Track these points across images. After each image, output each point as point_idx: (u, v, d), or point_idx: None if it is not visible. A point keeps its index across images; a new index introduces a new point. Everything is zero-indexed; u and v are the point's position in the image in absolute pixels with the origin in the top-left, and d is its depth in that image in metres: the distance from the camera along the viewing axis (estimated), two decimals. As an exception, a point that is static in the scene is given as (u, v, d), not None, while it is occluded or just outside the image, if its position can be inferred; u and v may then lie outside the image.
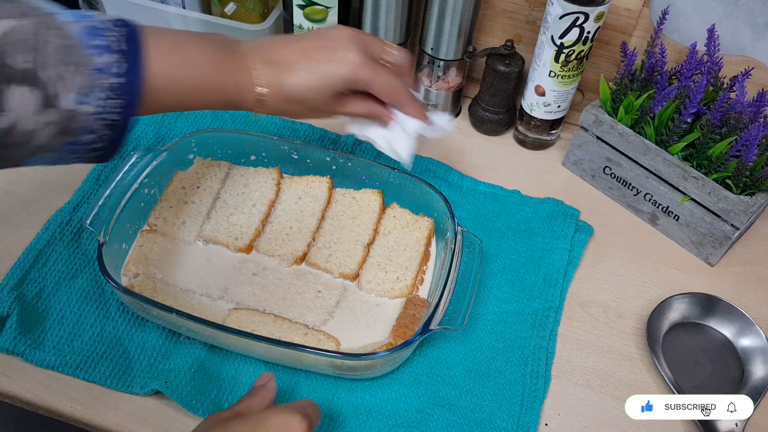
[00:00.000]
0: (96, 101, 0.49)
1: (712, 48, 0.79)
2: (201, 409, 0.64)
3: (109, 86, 0.49)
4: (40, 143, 0.49)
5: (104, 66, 0.49)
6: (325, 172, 0.83)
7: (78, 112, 0.48)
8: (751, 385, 0.70)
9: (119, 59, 0.50)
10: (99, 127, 0.50)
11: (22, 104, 0.46)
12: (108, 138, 0.51)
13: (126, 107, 0.50)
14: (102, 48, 0.49)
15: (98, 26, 0.50)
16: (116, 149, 0.53)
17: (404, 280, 0.75)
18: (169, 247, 0.76)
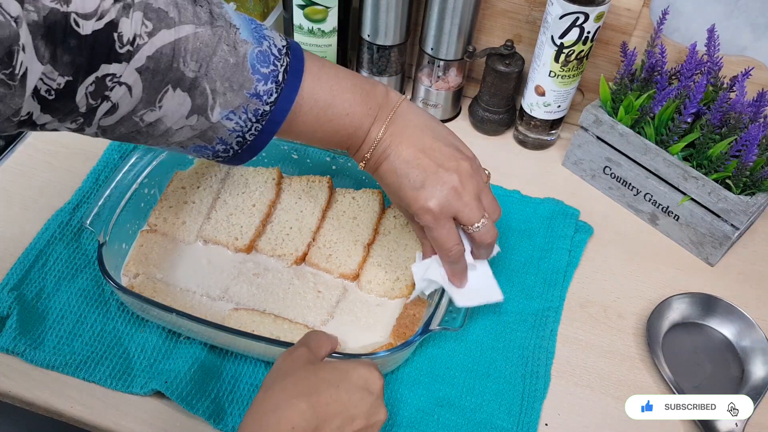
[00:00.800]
0: (240, 121, 0.51)
1: (712, 48, 0.79)
2: (201, 409, 0.64)
3: (258, 111, 0.51)
4: (176, 140, 0.51)
5: (262, 93, 0.51)
6: (325, 172, 0.83)
7: (221, 125, 0.51)
8: (751, 385, 0.70)
9: (276, 89, 0.51)
10: (233, 142, 0.52)
11: (175, 106, 0.48)
12: (234, 152, 0.53)
13: (264, 132, 0.53)
14: (266, 76, 0.51)
15: (269, 52, 0.51)
16: (239, 162, 0.56)
17: (404, 280, 0.75)
18: (169, 247, 0.76)
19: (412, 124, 0.60)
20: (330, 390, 0.52)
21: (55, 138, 0.88)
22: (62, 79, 0.42)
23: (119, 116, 0.47)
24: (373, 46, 0.90)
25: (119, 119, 0.48)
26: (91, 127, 0.48)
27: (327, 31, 0.88)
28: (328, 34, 0.89)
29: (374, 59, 0.92)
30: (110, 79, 0.44)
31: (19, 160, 0.85)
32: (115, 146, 0.86)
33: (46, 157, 0.86)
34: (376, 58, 0.92)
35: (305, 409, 0.50)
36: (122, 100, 0.46)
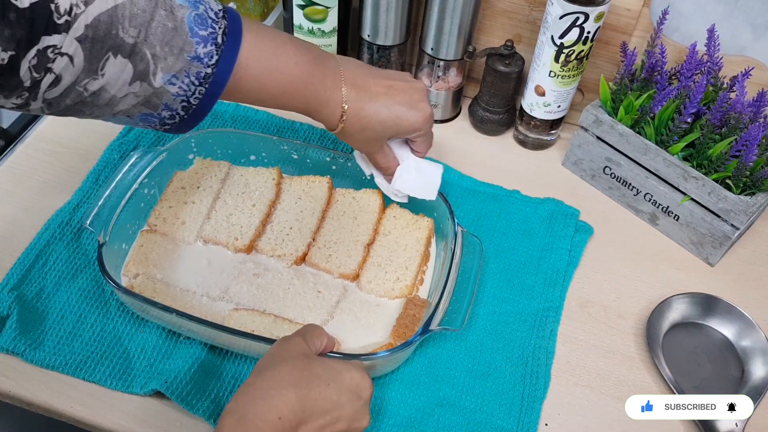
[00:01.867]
0: (184, 84, 0.52)
1: (712, 48, 0.79)
2: (201, 409, 0.64)
3: (201, 74, 0.52)
4: (121, 108, 0.52)
5: (203, 55, 0.52)
6: (325, 172, 0.83)
7: (165, 90, 0.51)
8: (751, 385, 0.70)
9: (216, 51, 0.52)
10: (178, 107, 0.53)
11: (117, 73, 0.49)
12: (181, 117, 0.54)
13: (208, 95, 0.54)
14: (205, 38, 0.52)
15: (206, 15, 0.52)
16: (188, 128, 0.56)
17: (404, 281, 0.75)
18: (169, 247, 0.76)
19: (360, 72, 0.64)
20: (321, 387, 0.53)
21: (55, 138, 0.88)
22: (5, 54, 0.43)
23: (63, 87, 0.48)
24: (373, 46, 0.90)
25: (63, 90, 0.48)
26: (37, 101, 0.48)
27: (327, 31, 0.88)
28: (328, 34, 0.89)
29: (374, 59, 0.92)
30: (51, 51, 0.45)
31: (19, 160, 0.85)
32: (115, 146, 0.86)
33: (46, 157, 0.86)
34: (376, 58, 0.92)
35: (293, 400, 0.51)
36: (65, 70, 0.47)
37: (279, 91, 0.59)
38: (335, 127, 0.64)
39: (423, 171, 0.72)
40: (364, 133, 0.65)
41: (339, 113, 0.63)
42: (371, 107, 0.64)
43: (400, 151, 0.71)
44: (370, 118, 0.64)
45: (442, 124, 0.97)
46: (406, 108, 0.65)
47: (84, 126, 0.89)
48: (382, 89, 0.65)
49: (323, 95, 0.61)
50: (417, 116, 0.66)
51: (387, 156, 0.70)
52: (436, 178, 0.73)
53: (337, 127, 0.64)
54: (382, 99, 0.64)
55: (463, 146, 0.94)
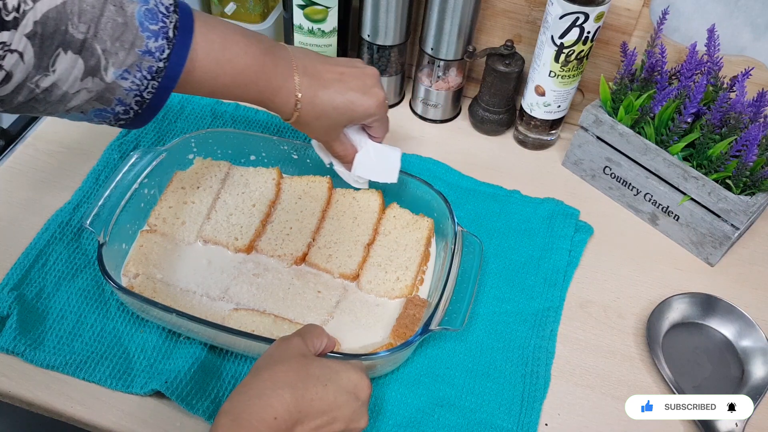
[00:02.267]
0: (136, 79, 0.52)
1: (712, 48, 0.79)
2: (201, 409, 0.64)
3: (152, 68, 0.52)
4: (74, 104, 0.51)
5: (154, 49, 0.52)
6: (325, 172, 0.82)
7: (117, 85, 0.51)
8: (751, 385, 0.70)
9: (168, 45, 0.53)
10: (132, 101, 0.53)
11: (68, 69, 0.49)
12: (134, 112, 0.54)
13: (161, 89, 0.54)
14: (156, 33, 0.52)
15: (156, 9, 0.52)
16: (142, 123, 0.56)
17: (404, 281, 0.75)
18: (169, 247, 0.76)
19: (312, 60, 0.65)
20: (317, 387, 0.53)
21: (55, 138, 0.88)
22: None
23: (14, 84, 0.48)
24: (373, 46, 0.90)
25: (15, 88, 0.48)
26: None
27: (327, 31, 0.88)
28: (328, 34, 0.89)
29: (374, 59, 0.92)
30: (1, 48, 0.45)
31: (19, 160, 0.85)
32: (115, 146, 0.86)
33: (46, 157, 0.86)
34: (376, 58, 0.92)
35: (289, 401, 0.51)
36: (15, 67, 0.47)
37: (231, 82, 0.59)
38: (290, 116, 0.64)
39: (382, 155, 0.73)
40: (320, 120, 0.66)
41: (293, 102, 0.63)
42: (325, 95, 0.64)
43: (357, 137, 0.72)
44: (325, 106, 0.65)
45: (442, 124, 0.97)
46: (359, 94, 0.66)
47: (84, 126, 0.89)
48: (334, 76, 0.65)
49: (275, 84, 0.62)
50: (371, 102, 0.67)
51: (344, 144, 0.71)
52: (395, 161, 0.74)
53: (292, 116, 0.64)
54: (335, 86, 0.65)
55: (463, 146, 0.94)
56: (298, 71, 0.63)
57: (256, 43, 0.60)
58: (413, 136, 0.95)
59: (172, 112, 0.91)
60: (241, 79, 0.59)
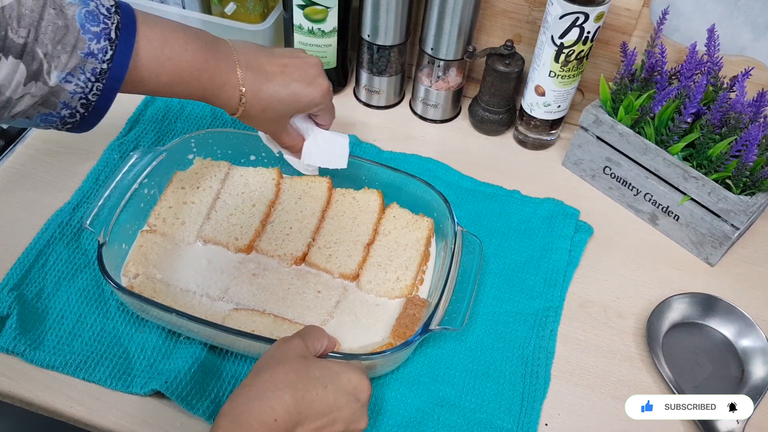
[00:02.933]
0: (80, 82, 0.52)
1: (712, 48, 0.79)
2: (201, 409, 0.64)
3: (96, 70, 0.52)
4: (18, 110, 0.51)
5: (97, 51, 0.52)
6: (325, 172, 0.82)
7: (61, 88, 0.51)
8: (751, 385, 0.70)
9: (110, 46, 0.52)
10: (77, 104, 0.53)
11: (9, 74, 0.49)
12: (81, 115, 0.54)
13: (106, 90, 0.53)
14: (97, 34, 0.51)
15: (97, 11, 0.52)
16: (89, 126, 0.56)
17: (404, 280, 0.75)
18: (169, 247, 0.76)
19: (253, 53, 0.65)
20: (318, 388, 0.53)
21: (55, 138, 0.88)
22: None
23: None
24: (373, 46, 0.90)
25: None
26: None
27: (327, 31, 0.88)
28: (328, 34, 0.89)
29: (374, 59, 0.92)
30: None
31: (19, 160, 0.85)
32: (115, 146, 0.86)
33: (46, 157, 0.86)
34: (376, 58, 0.92)
35: (289, 402, 0.51)
36: None
37: (172, 80, 0.59)
38: (236, 110, 0.64)
39: (330, 142, 0.74)
40: (266, 113, 0.66)
41: (237, 96, 0.63)
42: (269, 87, 0.64)
43: (304, 126, 0.72)
44: (270, 99, 0.65)
45: (442, 124, 0.97)
46: (303, 85, 0.66)
47: (84, 126, 0.89)
48: (277, 68, 0.65)
49: (219, 80, 0.62)
50: (315, 91, 0.67)
51: (291, 134, 0.71)
52: (343, 147, 0.74)
53: (237, 110, 0.64)
54: (278, 78, 0.65)
55: (463, 146, 0.94)
56: (241, 65, 0.63)
57: (196, 38, 0.60)
58: (413, 136, 0.95)
59: (172, 112, 0.91)
60: (182, 76, 0.59)
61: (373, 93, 0.96)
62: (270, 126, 0.69)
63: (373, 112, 0.98)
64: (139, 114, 0.90)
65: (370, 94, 0.97)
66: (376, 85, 0.95)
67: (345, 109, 0.97)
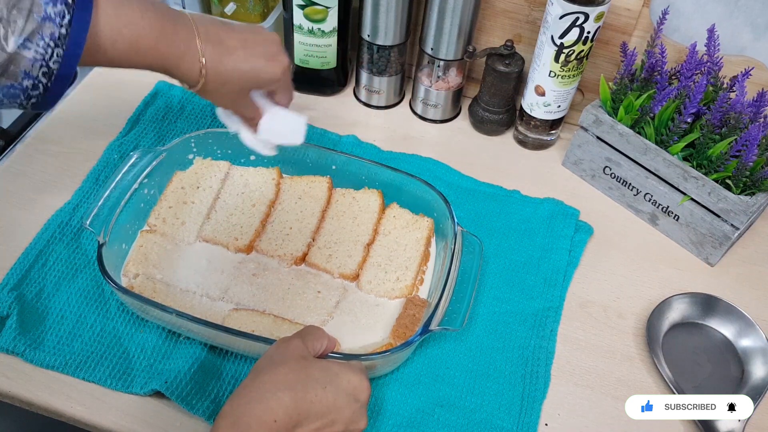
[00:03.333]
0: (39, 48, 0.51)
1: (712, 48, 0.79)
2: (201, 409, 0.64)
3: (55, 35, 0.51)
4: None
5: (54, 15, 0.51)
6: (325, 172, 0.83)
7: (20, 55, 0.50)
8: (751, 385, 0.70)
9: (67, 10, 0.52)
10: (38, 73, 0.52)
11: None
12: (43, 86, 0.53)
13: (67, 57, 0.53)
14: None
15: None
16: (54, 99, 0.55)
17: (404, 281, 0.75)
18: (169, 247, 0.76)
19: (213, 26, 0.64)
20: (317, 389, 0.53)
21: (55, 138, 0.88)
22: None
23: None
24: (373, 46, 0.90)
25: None
26: None
27: (327, 31, 0.88)
28: (328, 34, 0.89)
29: (374, 59, 0.92)
30: None
31: (19, 160, 0.85)
32: (115, 146, 0.86)
33: (46, 157, 0.86)
34: (376, 58, 0.92)
35: (289, 403, 0.51)
36: None
37: (130, 48, 0.58)
38: (196, 82, 0.63)
39: (287, 119, 0.73)
40: (226, 87, 0.65)
41: (198, 68, 0.62)
42: (230, 61, 0.64)
43: (261, 103, 0.71)
44: (231, 72, 0.64)
45: (442, 124, 0.97)
46: (264, 60, 0.66)
47: (84, 126, 0.89)
48: (238, 43, 0.65)
49: (178, 49, 0.61)
50: (276, 67, 0.67)
51: (251, 107, 0.70)
52: (300, 124, 0.74)
53: (198, 82, 0.63)
54: (239, 52, 0.64)
55: (463, 146, 0.94)
56: (200, 37, 0.62)
57: (153, 8, 0.60)
58: (413, 136, 0.95)
59: (172, 112, 0.91)
60: (140, 44, 0.58)
61: (373, 93, 0.96)
62: (231, 101, 0.68)
63: (373, 112, 0.98)
64: (139, 114, 0.90)
65: (370, 94, 0.97)
66: (376, 85, 0.95)
67: (345, 109, 0.97)
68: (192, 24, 0.62)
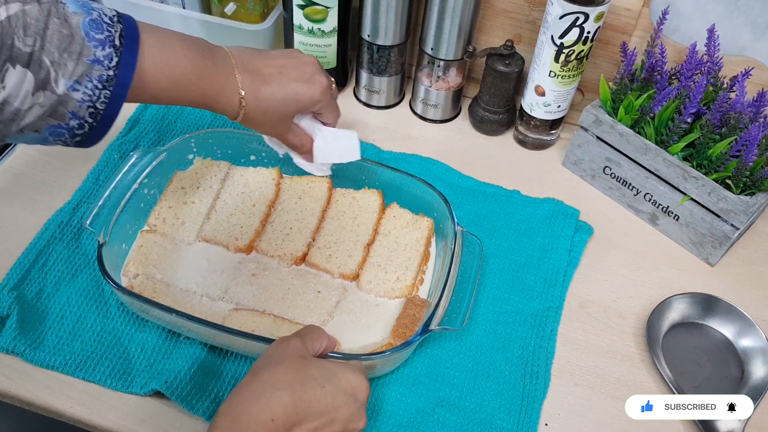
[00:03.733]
0: (88, 90, 0.52)
1: (712, 48, 0.79)
2: (201, 409, 0.64)
3: (103, 77, 0.52)
4: (28, 122, 0.51)
5: (102, 57, 0.52)
6: (325, 172, 0.83)
7: (69, 97, 0.51)
8: (751, 385, 0.70)
9: (115, 53, 0.53)
10: (85, 114, 0.53)
11: (18, 84, 0.49)
12: (89, 125, 0.54)
13: (114, 98, 0.54)
14: (102, 41, 0.52)
15: (100, 20, 0.53)
16: (98, 137, 0.56)
17: (404, 281, 0.75)
18: (169, 247, 0.76)
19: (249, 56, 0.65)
20: (315, 388, 0.53)
21: (55, 138, 0.88)
22: None
23: None
24: (373, 46, 0.90)
25: None
26: None
27: (327, 31, 0.88)
28: (328, 34, 0.89)
29: (374, 59, 0.92)
30: None
31: (19, 160, 0.85)
32: (115, 146, 0.86)
33: (46, 157, 0.86)
34: (376, 58, 0.92)
35: (287, 402, 0.51)
36: None
37: (172, 86, 0.59)
38: (237, 114, 0.65)
39: (339, 137, 0.74)
40: (267, 115, 0.66)
41: (237, 100, 0.63)
42: (267, 89, 0.65)
43: (310, 126, 0.72)
44: (270, 100, 0.65)
45: (442, 124, 0.97)
46: (301, 84, 0.67)
47: (84, 126, 0.89)
48: (274, 70, 0.66)
49: (218, 84, 0.62)
50: (314, 90, 0.67)
51: (297, 135, 0.71)
52: (353, 140, 0.74)
53: (238, 114, 0.65)
54: (276, 79, 0.65)
55: (463, 146, 0.94)
56: (238, 69, 0.63)
57: (192, 45, 0.61)
58: (413, 136, 0.95)
59: (172, 112, 0.91)
60: (182, 82, 0.59)
61: (373, 93, 0.96)
62: (273, 128, 0.69)
63: (373, 112, 0.98)
64: (139, 114, 0.90)
65: (370, 94, 0.97)
66: (376, 85, 0.95)
67: (345, 109, 0.96)
68: (230, 57, 0.64)
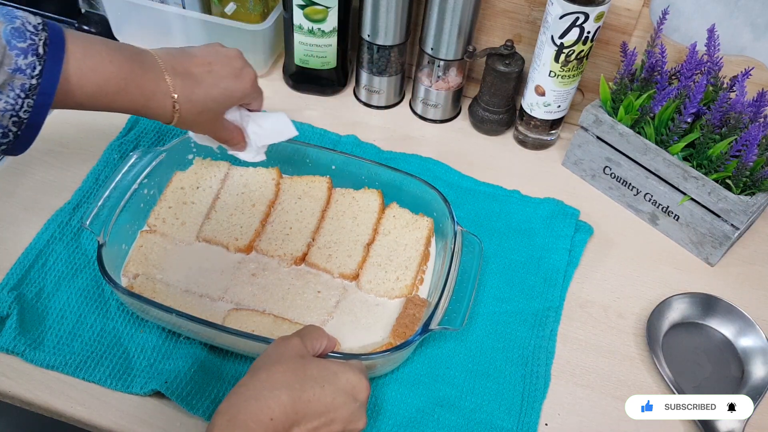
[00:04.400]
0: (10, 99, 0.51)
1: (712, 48, 0.79)
2: (201, 409, 0.64)
3: (26, 86, 0.52)
4: None
5: (24, 66, 0.51)
6: (325, 172, 0.83)
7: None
8: (751, 385, 0.70)
9: (38, 61, 0.52)
10: (8, 123, 0.52)
11: None
12: (14, 134, 0.54)
13: (38, 107, 0.53)
14: (24, 50, 0.51)
15: (23, 28, 0.52)
16: (25, 146, 0.55)
17: (404, 280, 0.75)
18: (168, 247, 0.76)
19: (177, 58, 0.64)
20: (315, 388, 0.53)
21: (55, 138, 0.88)
22: None
23: None
24: (373, 46, 0.90)
25: None
26: None
27: (327, 31, 0.88)
28: (328, 34, 0.89)
29: (374, 59, 0.92)
30: None
31: (19, 160, 0.85)
32: (115, 146, 0.86)
33: (46, 157, 0.86)
34: (376, 58, 0.92)
35: (286, 402, 0.51)
36: None
37: (98, 92, 0.58)
38: (171, 118, 0.64)
39: (269, 118, 0.74)
40: (202, 116, 0.66)
41: (170, 104, 0.62)
42: (200, 90, 0.64)
43: (237, 116, 0.72)
44: (204, 100, 0.65)
45: (442, 124, 0.97)
46: (232, 79, 0.66)
47: (84, 126, 0.89)
48: (204, 69, 0.65)
49: (148, 90, 0.61)
50: (245, 83, 0.67)
51: (228, 128, 0.71)
52: (284, 118, 0.74)
53: (173, 118, 0.64)
54: (207, 79, 0.65)
55: (463, 146, 0.94)
56: (168, 72, 0.62)
57: (118, 50, 0.60)
58: (413, 136, 0.95)
59: (172, 112, 0.91)
60: (108, 88, 0.58)
61: (373, 93, 0.96)
62: (207, 127, 0.69)
63: (373, 112, 0.98)
64: (139, 114, 0.90)
65: (370, 94, 0.97)
66: (376, 85, 0.95)
67: (345, 109, 0.97)
68: (156, 60, 0.62)
